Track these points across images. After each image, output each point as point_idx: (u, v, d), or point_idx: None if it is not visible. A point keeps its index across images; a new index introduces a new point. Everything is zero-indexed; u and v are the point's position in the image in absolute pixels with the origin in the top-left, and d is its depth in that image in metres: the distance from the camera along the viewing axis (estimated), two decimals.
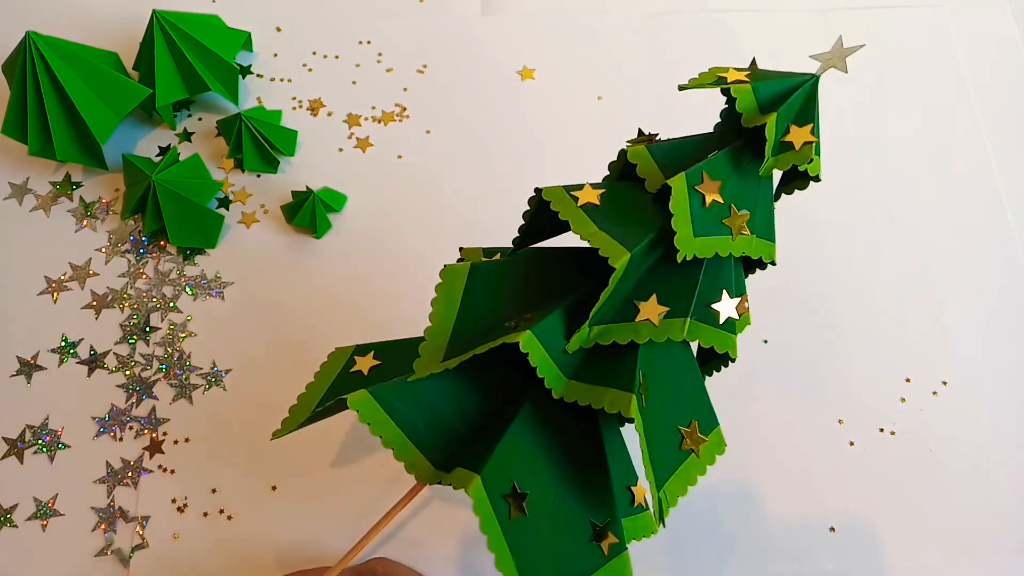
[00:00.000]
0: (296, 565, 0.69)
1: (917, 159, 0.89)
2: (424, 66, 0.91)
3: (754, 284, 0.57)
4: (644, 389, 0.49)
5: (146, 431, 0.74)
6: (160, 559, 0.70)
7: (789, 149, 0.49)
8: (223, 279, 0.80)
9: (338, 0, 0.94)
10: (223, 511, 0.71)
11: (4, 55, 0.82)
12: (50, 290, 0.79)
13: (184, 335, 0.77)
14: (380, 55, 0.91)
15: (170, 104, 0.84)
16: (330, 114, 0.88)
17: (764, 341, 0.79)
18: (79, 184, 0.84)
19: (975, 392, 0.79)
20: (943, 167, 0.89)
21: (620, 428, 0.55)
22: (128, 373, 0.76)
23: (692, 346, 0.53)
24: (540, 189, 0.50)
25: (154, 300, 0.79)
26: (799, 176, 0.53)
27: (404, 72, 0.91)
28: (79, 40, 0.81)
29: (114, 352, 0.77)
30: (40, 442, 0.73)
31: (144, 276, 0.80)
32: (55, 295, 0.79)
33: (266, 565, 0.69)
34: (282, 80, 0.89)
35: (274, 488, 0.72)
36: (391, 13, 0.94)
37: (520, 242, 0.56)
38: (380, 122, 0.88)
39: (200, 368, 0.76)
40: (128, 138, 0.86)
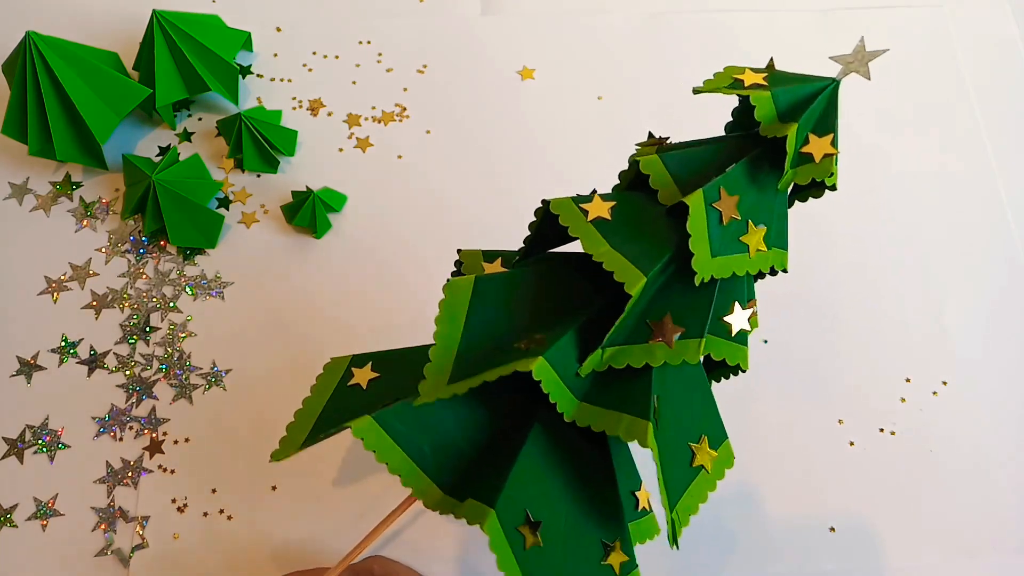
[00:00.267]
0: (296, 565, 0.69)
1: (917, 159, 0.89)
2: (424, 66, 0.91)
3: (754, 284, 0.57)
4: (657, 412, 0.47)
5: (146, 431, 0.74)
6: (160, 559, 0.70)
7: (808, 161, 0.47)
8: (223, 279, 0.80)
9: (338, 0, 0.94)
10: (223, 511, 0.71)
11: (4, 55, 0.82)
12: (50, 290, 0.79)
13: (184, 335, 0.77)
14: (380, 55, 0.91)
15: (170, 104, 0.84)
16: (330, 114, 0.88)
17: (764, 341, 0.79)
18: (79, 184, 0.84)
19: (975, 392, 0.79)
20: (943, 167, 0.89)
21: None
22: (128, 373, 0.76)
23: None
24: (547, 201, 0.47)
25: (154, 300, 0.79)
26: (815, 185, 0.52)
27: (404, 72, 0.91)
28: (79, 40, 0.81)
29: (114, 352, 0.77)
30: (40, 442, 0.73)
31: (144, 276, 0.80)
32: (55, 295, 0.79)
33: (266, 565, 0.69)
34: (282, 80, 0.89)
35: (274, 488, 0.72)
36: (391, 13, 0.94)
37: (525, 252, 0.54)
38: (380, 122, 0.88)
39: (200, 368, 0.76)
40: (128, 138, 0.86)
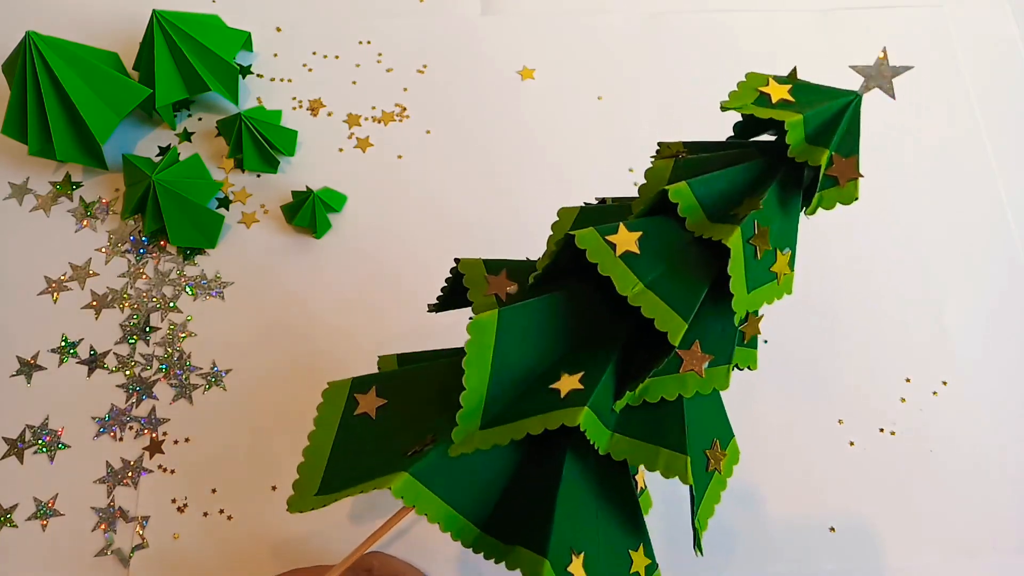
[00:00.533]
0: (296, 564, 0.69)
1: (917, 159, 0.89)
2: (424, 66, 0.91)
3: None
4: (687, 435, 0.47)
5: (146, 431, 0.74)
6: (160, 559, 0.70)
7: (834, 184, 0.46)
8: (223, 279, 0.80)
9: (338, 0, 0.94)
10: (223, 511, 0.71)
11: (4, 55, 0.82)
12: (50, 290, 0.79)
13: (184, 335, 0.77)
14: (380, 55, 0.91)
15: (170, 104, 0.84)
16: (330, 114, 0.88)
17: (764, 341, 0.79)
18: (79, 184, 0.84)
19: (975, 392, 0.78)
20: (943, 167, 0.89)
21: None
22: (128, 373, 0.76)
23: None
24: (573, 235, 0.45)
25: (154, 300, 0.79)
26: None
27: (404, 72, 0.91)
28: (79, 40, 0.81)
29: (114, 352, 0.77)
30: (40, 442, 0.73)
31: (144, 276, 0.80)
32: (55, 295, 0.79)
33: (266, 565, 0.69)
34: (282, 80, 0.89)
35: (274, 488, 0.72)
36: (391, 13, 0.94)
37: (542, 279, 0.51)
38: (380, 122, 0.88)
39: (200, 368, 0.76)
40: (128, 138, 0.86)
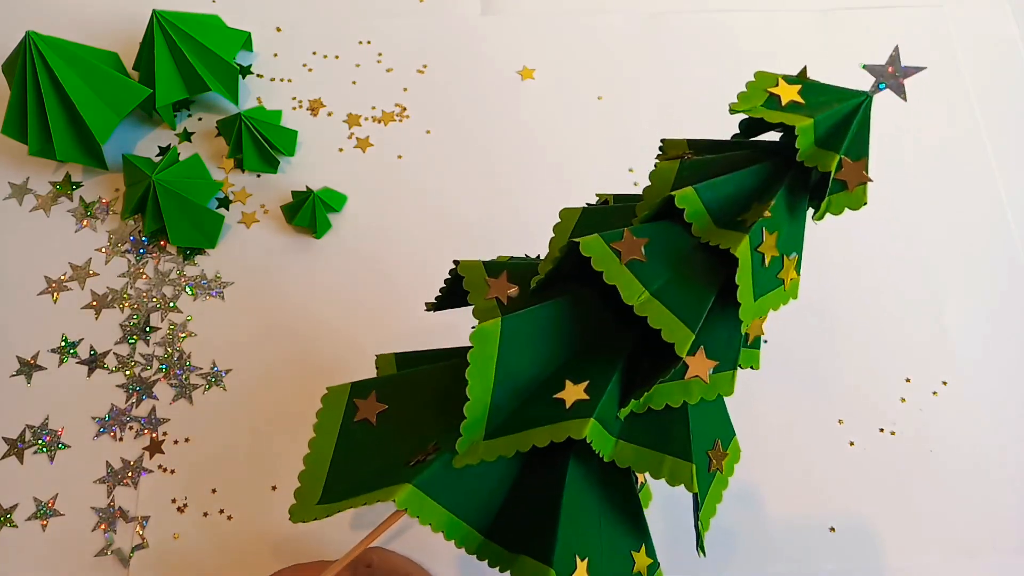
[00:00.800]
0: (296, 561, 0.69)
1: (917, 159, 0.89)
2: (424, 66, 0.91)
3: None
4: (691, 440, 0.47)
5: (146, 431, 0.74)
6: (160, 559, 0.70)
7: (842, 189, 0.45)
8: (223, 279, 0.80)
9: (338, 0, 0.94)
10: (223, 511, 0.71)
11: (4, 55, 0.82)
12: (50, 290, 0.79)
13: (184, 335, 0.77)
14: (380, 55, 0.91)
15: (170, 104, 0.84)
16: (330, 114, 0.88)
17: (764, 341, 0.79)
18: (79, 184, 0.84)
19: (975, 392, 0.78)
20: (943, 167, 0.89)
21: None
22: (128, 373, 0.76)
23: None
24: (577, 243, 0.44)
25: (154, 300, 0.79)
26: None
27: (404, 72, 0.91)
28: (79, 40, 0.81)
29: (114, 352, 0.77)
30: (40, 442, 0.73)
31: (144, 276, 0.80)
32: (55, 295, 0.79)
33: (266, 565, 0.69)
34: (282, 80, 0.89)
35: (274, 488, 0.72)
36: (391, 13, 0.94)
37: (544, 284, 0.50)
38: (380, 122, 0.88)
39: (200, 368, 0.76)
40: (128, 138, 0.86)
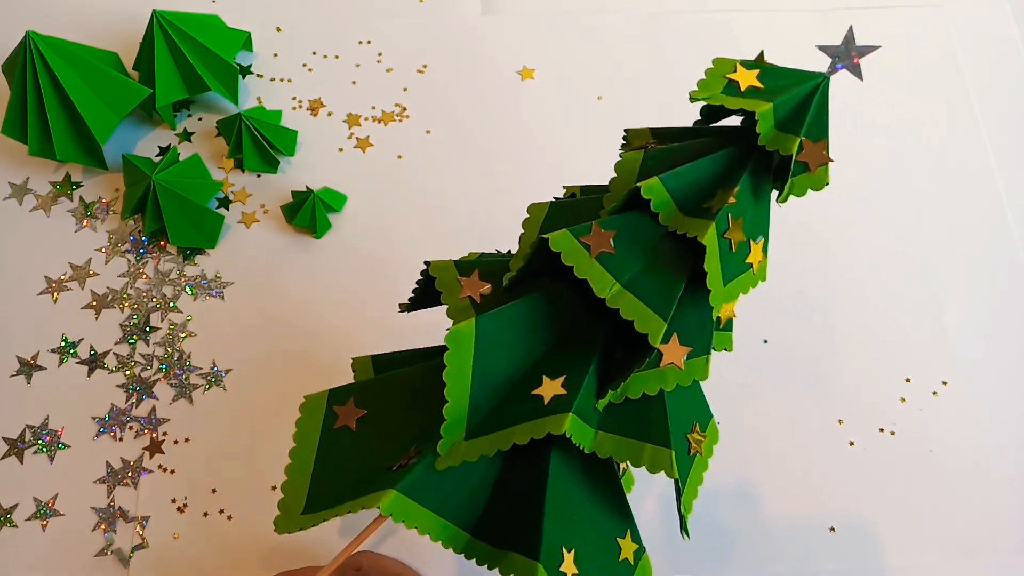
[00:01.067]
0: (295, 564, 0.69)
1: (917, 159, 0.89)
2: (424, 66, 0.91)
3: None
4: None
5: (146, 431, 0.74)
6: (160, 559, 0.70)
7: (804, 171, 0.46)
8: (223, 279, 0.80)
9: (338, 0, 0.94)
10: (223, 511, 0.71)
11: (4, 55, 0.82)
12: (50, 290, 0.79)
13: (184, 335, 0.77)
14: (380, 55, 0.91)
15: (170, 104, 0.84)
16: (330, 114, 0.88)
17: (764, 341, 0.79)
18: (79, 184, 0.84)
19: (975, 392, 0.79)
20: (943, 167, 0.89)
21: None
22: (128, 373, 0.76)
23: None
24: (546, 239, 0.45)
25: (154, 300, 0.79)
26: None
27: (404, 72, 0.91)
28: (79, 40, 0.81)
29: (114, 352, 0.77)
30: (40, 442, 0.73)
31: (144, 276, 0.80)
32: (55, 295, 0.79)
33: (265, 565, 0.69)
34: (282, 80, 0.89)
35: (274, 488, 0.72)
36: (391, 13, 0.94)
37: (516, 281, 0.50)
38: (380, 122, 0.88)
39: (200, 368, 0.76)
40: (128, 138, 0.86)
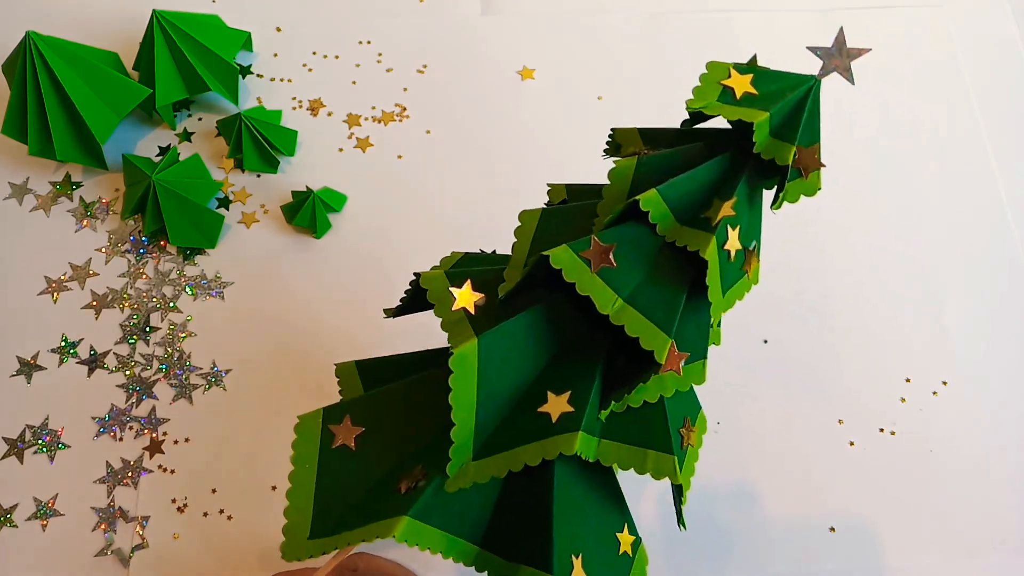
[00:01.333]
0: (294, 565, 0.69)
1: (917, 159, 0.89)
2: (424, 66, 0.91)
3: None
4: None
5: (146, 431, 0.74)
6: (160, 559, 0.70)
7: (797, 177, 0.46)
8: (223, 279, 0.80)
9: (338, 0, 0.94)
10: (223, 511, 0.71)
11: (4, 55, 0.82)
12: (50, 290, 0.79)
13: (184, 335, 0.77)
14: (380, 55, 0.91)
15: (170, 104, 0.84)
16: (330, 114, 0.88)
17: (764, 341, 0.79)
18: (79, 184, 0.84)
19: (975, 392, 0.79)
20: (943, 167, 0.89)
21: None
22: (128, 373, 0.76)
23: None
24: (547, 255, 0.44)
25: (154, 300, 0.79)
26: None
27: (404, 72, 0.91)
28: (79, 40, 0.81)
29: (114, 352, 0.77)
30: (40, 442, 0.73)
31: (144, 276, 0.80)
32: (55, 295, 0.79)
33: (265, 565, 0.69)
34: (282, 80, 0.89)
35: (274, 488, 0.72)
36: (391, 13, 0.94)
37: (513, 293, 0.49)
38: (380, 122, 0.88)
39: (200, 368, 0.76)
40: (128, 138, 0.86)
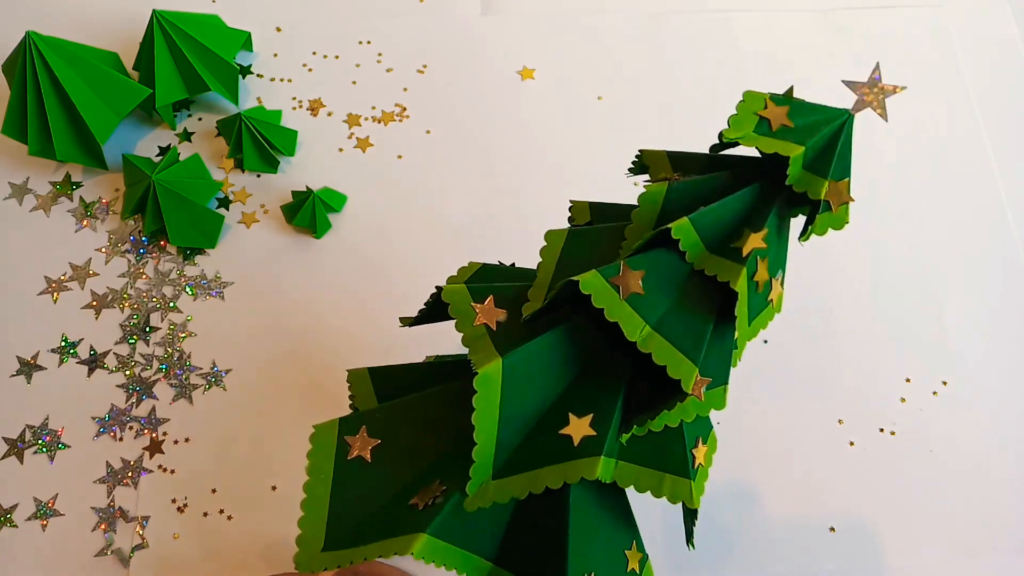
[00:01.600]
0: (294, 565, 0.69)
1: (917, 159, 0.89)
2: (424, 66, 0.91)
3: None
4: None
5: (146, 431, 0.74)
6: (160, 559, 0.70)
7: (827, 209, 0.46)
8: (223, 279, 0.80)
9: (338, 0, 0.94)
10: (223, 511, 0.71)
11: (4, 55, 0.82)
12: (50, 290, 0.79)
13: (184, 335, 0.77)
14: (380, 55, 0.91)
15: (170, 104, 0.84)
16: (330, 114, 0.88)
17: (764, 341, 0.79)
18: (79, 184, 0.84)
19: (975, 392, 0.79)
20: (943, 167, 0.89)
21: None
22: (128, 373, 0.76)
23: None
24: (575, 281, 0.43)
25: (154, 300, 0.79)
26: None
27: (404, 72, 0.91)
28: (79, 40, 0.81)
29: (114, 352, 0.77)
30: (40, 442, 0.73)
31: (144, 276, 0.80)
32: (55, 295, 0.79)
33: (265, 565, 0.69)
34: (282, 80, 0.89)
35: (274, 488, 0.72)
36: (391, 13, 0.94)
37: (537, 315, 0.49)
38: (380, 122, 0.88)
39: (200, 368, 0.76)
40: (128, 138, 0.86)
